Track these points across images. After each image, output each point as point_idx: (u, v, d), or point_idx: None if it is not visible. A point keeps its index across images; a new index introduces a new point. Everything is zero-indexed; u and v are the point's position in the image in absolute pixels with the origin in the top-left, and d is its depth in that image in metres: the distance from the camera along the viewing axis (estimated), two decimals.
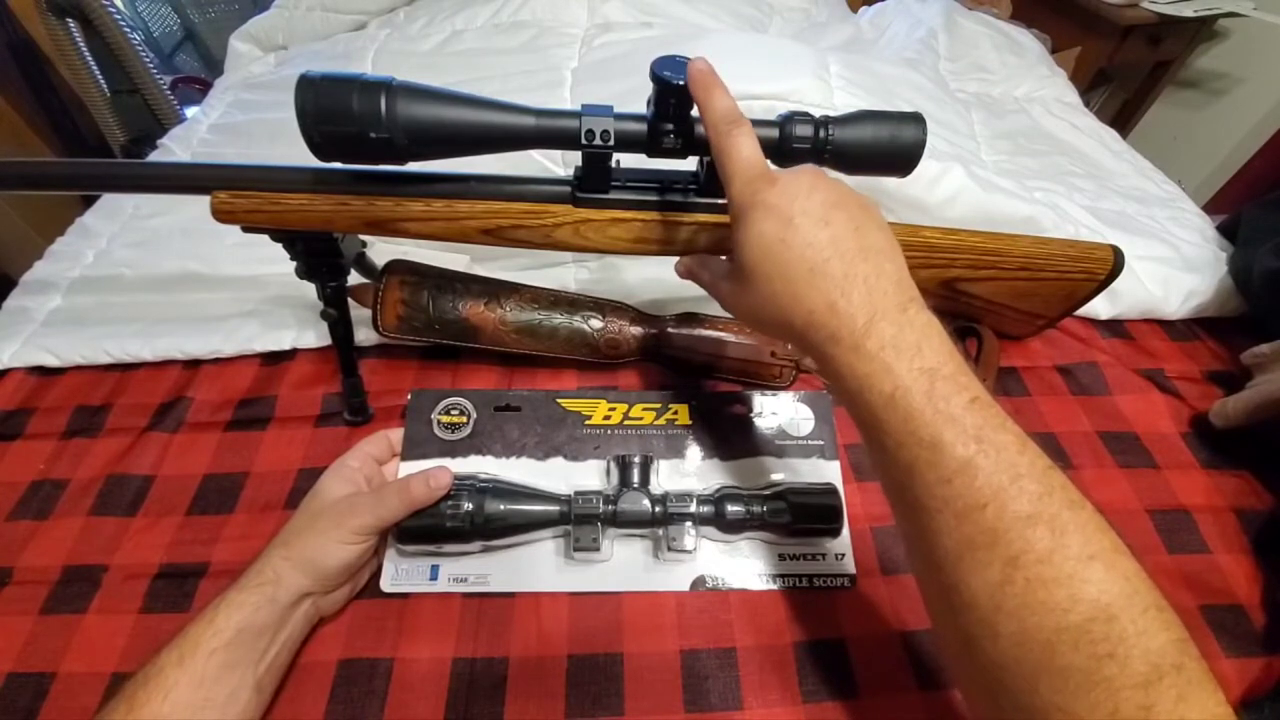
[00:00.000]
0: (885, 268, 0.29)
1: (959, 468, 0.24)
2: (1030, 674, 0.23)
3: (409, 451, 0.44)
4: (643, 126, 0.34)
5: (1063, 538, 0.23)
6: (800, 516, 0.41)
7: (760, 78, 0.58)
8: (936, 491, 0.25)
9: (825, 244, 0.28)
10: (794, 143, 0.35)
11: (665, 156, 0.35)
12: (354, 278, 0.45)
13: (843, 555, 0.42)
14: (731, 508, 0.40)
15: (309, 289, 0.43)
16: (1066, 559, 0.23)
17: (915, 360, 0.26)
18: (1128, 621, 0.22)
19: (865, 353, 0.27)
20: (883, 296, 0.28)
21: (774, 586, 0.41)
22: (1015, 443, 0.25)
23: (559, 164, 0.58)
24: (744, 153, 0.31)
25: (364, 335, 0.49)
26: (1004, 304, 0.50)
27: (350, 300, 0.45)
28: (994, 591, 0.23)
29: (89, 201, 0.73)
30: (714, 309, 0.53)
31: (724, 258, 0.37)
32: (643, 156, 0.36)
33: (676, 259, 0.40)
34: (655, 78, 0.32)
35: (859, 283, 0.28)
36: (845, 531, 0.42)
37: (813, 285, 0.28)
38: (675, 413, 0.47)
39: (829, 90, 0.61)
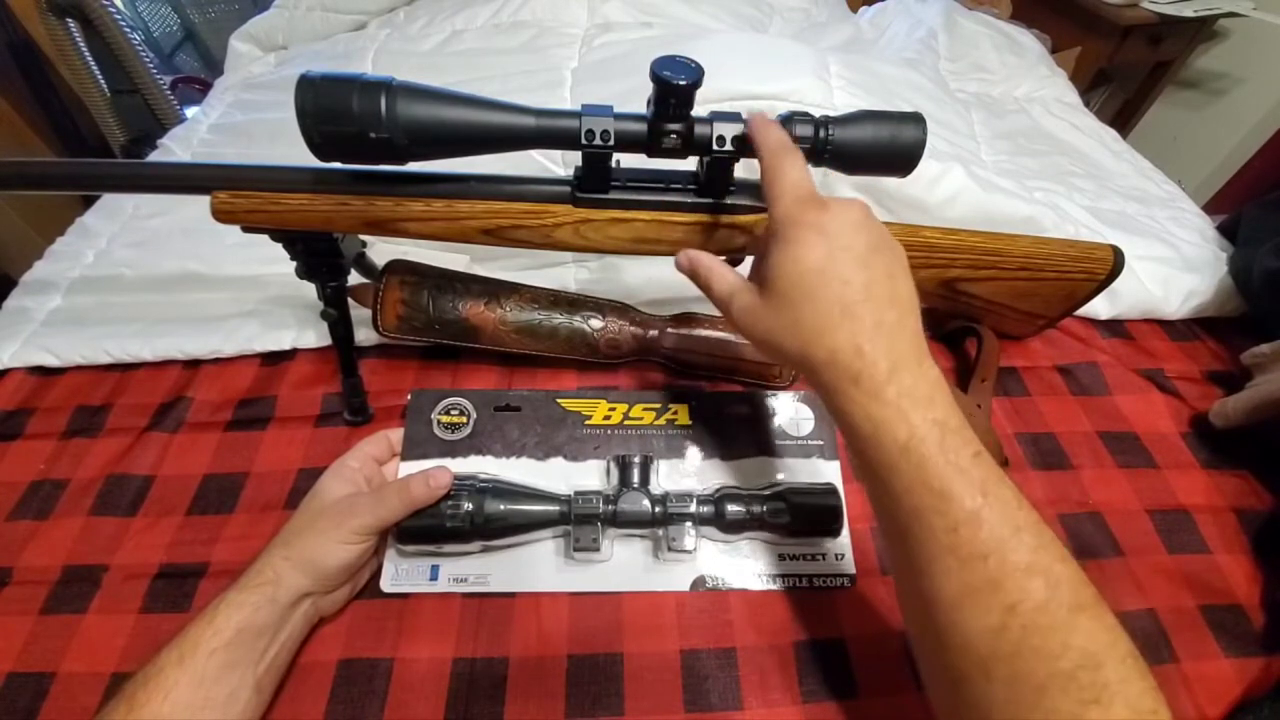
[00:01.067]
0: (908, 320, 0.30)
1: (966, 518, 0.25)
2: (1019, 715, 0.24)
3: (409, 451, 0.44)
4: (643, 126, 0.34)
5: (1056, 589, 0.25)
6: (800, 517, 0.41)
7: (760, 78, 0.58)
8: (942, 539, 0.26)
9: (860, 286, 0.29)
10: (795, 143, 0.35)
11: (665, 156, 0.35)
12: (354, 278, 0.45)
13: (842, 555, 0.42)
14: (731, 508, 0.40)
15: (309, 289, 0.43)
16: (1060, 608, 0.24)
17: (929, 411, 0.27)
18: (1110, 669, 0.23)
19: (884, 399, 0.27)
20: (904, 347, 0.29)
21: (774, 586, 0.41)
22: (1014, 497, 0.26)
23: (559, 164, 0.58)
24: (794, 173, 0.31)
25: (364, 335, 0.49)
26: (1004, 304, 0.50)
27: (350, 300, 0.45)
28: (992, 636, 0.24)
29: (89, 201, 0.73)
30: (714, 309, 0.53)
31: (739, 271, 0.36)
32: (643, 156, 0.36)
33: (683, 250, 0.38)
34: (655, 78, 0.32)
35: (885, 330, 0.28)
36: (845, 531, 0.42)
37: (841, 324, 0.28)
38: (675, 413, 0.47)
39: (829, 90, 0.61)
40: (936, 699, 0.29)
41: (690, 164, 0.38)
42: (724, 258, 0.38)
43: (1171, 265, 0.60)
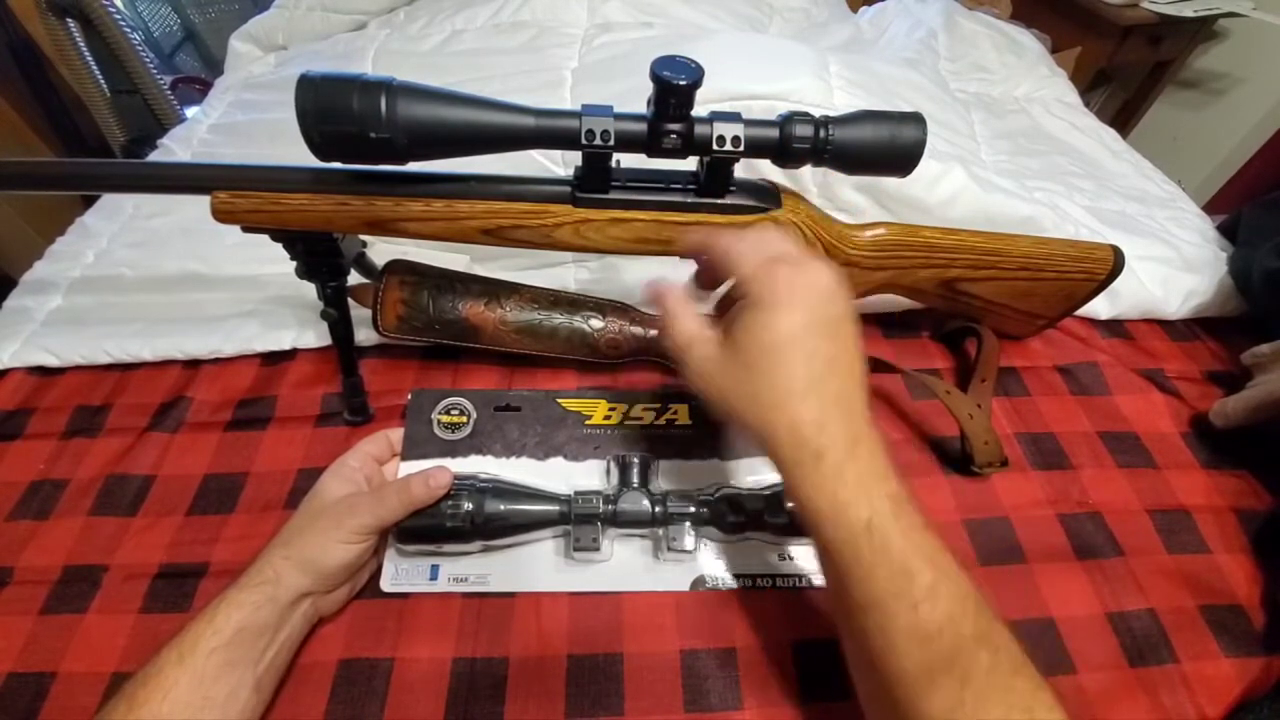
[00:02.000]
0: (860, 389, 0.30)
1: (925, 594, 0.26)
2: None
3: (409, 451, 0.44)
4: (643, 126, 0.34)
5: (998, 655, 0.26)
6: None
7: (760, 78, 0.58)
8: (904, 619, 0.26)
9: (825, 359, 0.28)
10: (794, 143, 0.35)
11: (665, 156, 0.35)
12: (354, 278, 0.45)
13: None
14: (731, 508, 0.40)
15: (309, 289, 0.43)
16: (1003, 674, 0.26)
17: (884, 486, 0.27)
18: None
19: (845, 479, 0.27)
20: (858, 419, 0.29)
21: (774, 586, 0.41)
22: (955, 562, 0.27)
23: (559, 164, 0.58)
24: (752, 235, 0.31)
25: (364, 335, 0.49)
26: (1004, 304, 0.50)
27: (350, 300, 0.45)
28: (949, 710, 0.25)
29: (89, 201, 0.73)
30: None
31: (709, 319, 0.33)
32: (643, 156, 0.36)
33: (652, 279, 0.36)
34: (655, 78, 0.32)
35: (844, 404, 0.29)
36: None
37: (806, 397, 0.28)
38: (675, 413, 0.47)
39: (829, 90, 0.61)
40: None
41: (690, 164, 0.38)
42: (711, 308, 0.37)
43: (1171, 265, 0.60)
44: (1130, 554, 0.43)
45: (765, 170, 0.48)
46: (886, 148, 0.35)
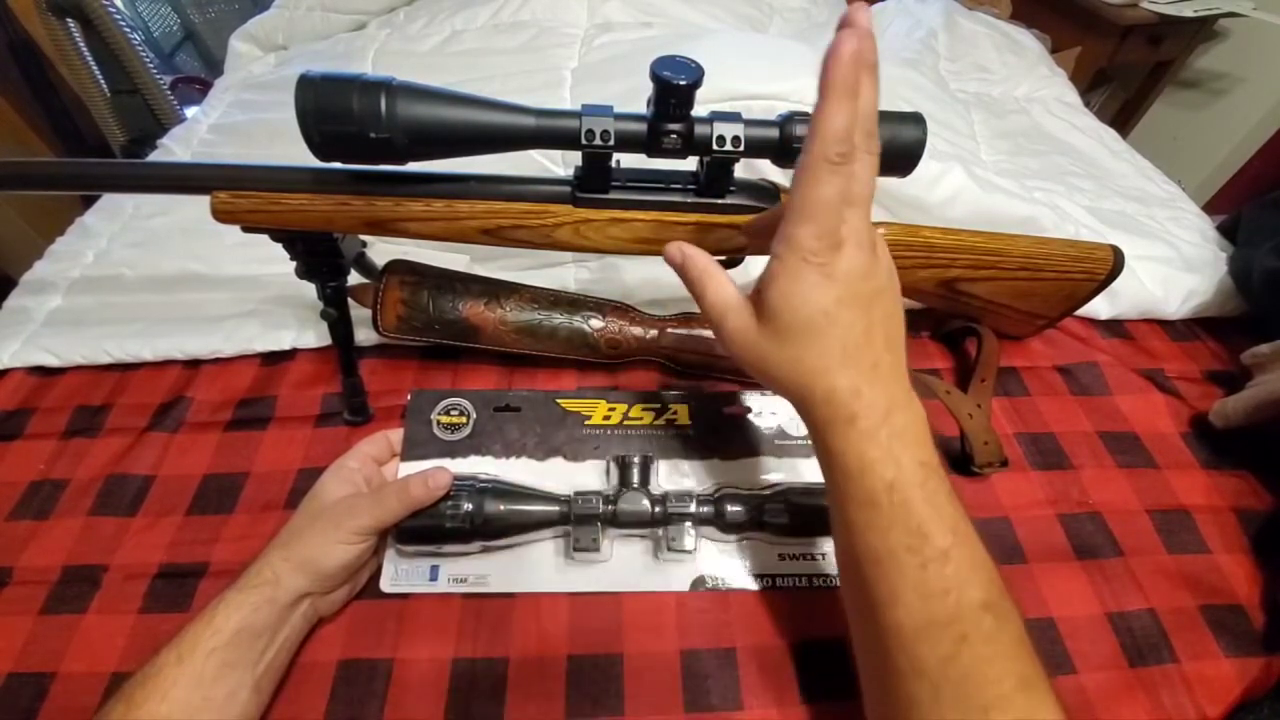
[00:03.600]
0: (900, 358, 0.30)
1: (936, 555, 0.27)
2: None
3: (409, 452, 0.44)
4: (643, 126, 0.34)
5: (1004, 623, 0.27)
6: (800, 517, 0.41)
7: (760, 78, 0.57)
8: (911, 575, 0.27)
9: (862, 330, 0.29)
10: (795, 143, 0.35)
11: (665, 156, 0.35)
12: (354, 278, 0.45)
13: None
14: (731, 508, 0.40)
15: (309, 289, 0.43)
16: (1006, 640, 0.27)
17: (916, 453, 0.28)
18: (1042, 692, 0.26)
19: (878, 440, 0.28)
20: (896, 386, 0.30)
21: (774, 586, 0.41)
22: (975, 536, 0.29)
23: (559, 164, 0.58)
24: (827, 192, 0.27)
25: (364, 335, 0.49)
26: (1004, 304, 0.50)
27: (350, 300, 0.45)
28: (944, 664, 0.26)
29: (89, 201, 0.73)
30: None
31: (740, 292, 0.33)
32: (643, 156, 0.36)
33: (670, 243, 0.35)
34: (655, 78, 0.32)
35: (883, 372, 0.29)
36: None
37: (843, 365, 0.29)
38: (675, 413, 0.47)
39: None
40: None
41: (690, 164, 0.38)
42: (723, 257, 0.38)
43: (1171, 265, 0.60)
44: (1130, 554, 0.43)
45: (765, 170, 0.48)
46: (886, 148, 0.35)
